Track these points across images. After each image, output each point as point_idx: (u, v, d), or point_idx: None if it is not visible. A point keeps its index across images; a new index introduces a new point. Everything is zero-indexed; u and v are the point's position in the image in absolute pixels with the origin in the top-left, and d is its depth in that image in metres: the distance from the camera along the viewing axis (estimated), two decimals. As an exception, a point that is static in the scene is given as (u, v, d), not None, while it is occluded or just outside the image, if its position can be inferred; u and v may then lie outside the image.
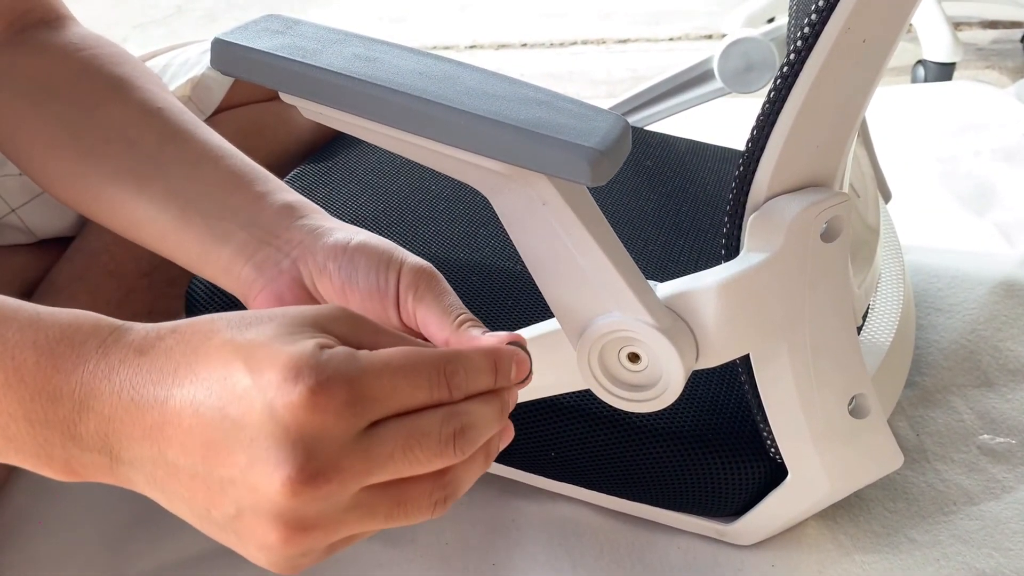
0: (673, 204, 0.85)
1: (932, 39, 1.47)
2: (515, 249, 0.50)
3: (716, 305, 0.50)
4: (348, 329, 0.37)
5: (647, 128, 1.02)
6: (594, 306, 0.50)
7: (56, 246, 0.85)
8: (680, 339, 0.50)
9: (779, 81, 0.46)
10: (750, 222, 0.50)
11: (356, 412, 0.33)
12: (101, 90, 0.53)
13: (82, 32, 0.58)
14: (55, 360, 0.35)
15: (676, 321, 0.51)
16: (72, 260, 0.82)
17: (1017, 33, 1.84)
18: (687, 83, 0.98)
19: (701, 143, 0.98)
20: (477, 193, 0.48)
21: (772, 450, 0.59)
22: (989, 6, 1.91)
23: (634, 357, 0.51)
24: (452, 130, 0.45)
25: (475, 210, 0.81)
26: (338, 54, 0.47)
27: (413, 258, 0.46)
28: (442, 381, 0.35)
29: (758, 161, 0.49)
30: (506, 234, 0.50)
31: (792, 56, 0.45)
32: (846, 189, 0.54)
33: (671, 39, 1.91)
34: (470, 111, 0.44)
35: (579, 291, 0.50)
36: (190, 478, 0.34)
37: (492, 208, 0.49)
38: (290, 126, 0.90)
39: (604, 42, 1.92)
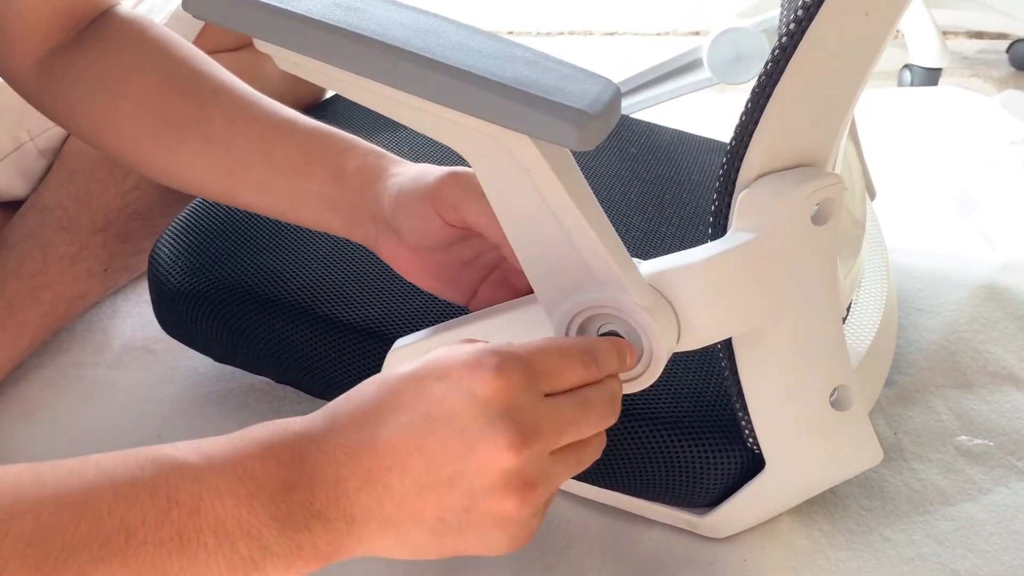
0: (657, 191, 0.83)
1: (920, 44, 1.47)
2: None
3: (701, 284, 0.48)
4: None
5: (633, 116, 1.00)
6: (575, 280, 0.48)
7: (11, 209, 0.82)
8: (662, 318, 0.48)
9: (777, 51, 0.45)
10: (739, 200, 0.48)
11: (534, 383, 0.40)
12: (168, 81, 0.59)
13: (127, 18, 0.61)
14: (277, 458, 0.39)
15: (659, 299, 0.49)
16: (24, 216, 0.79)
17: (1002, 44, 1.84)
18: (675, 71, 0.97)
19: (687, 133, 0.96)
20: (463, 163, 0.46)
21: (750, 440, 0.57)
22: (975, 16, 1.91)
23: (614, 335, 0.49)
24: (433, 85, 0.42)
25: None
26: (318, 1, 0.45)
27: (434, 176, 0.53)
28: (592, 360, 0.43)
29: (751, 135, 0.47)
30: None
31: (792, 25, 0.44)
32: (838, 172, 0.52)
33: (659, 34, 1.89)
34: (453, 65, 0.42)
35: (560, 263, 0.48)
36: (417, 495, 0.38)
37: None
38: (260, 79, 0.88)
39: (591, 33, 1.90)
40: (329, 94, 0.99)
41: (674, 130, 0.96)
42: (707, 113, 1.27)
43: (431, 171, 0.54)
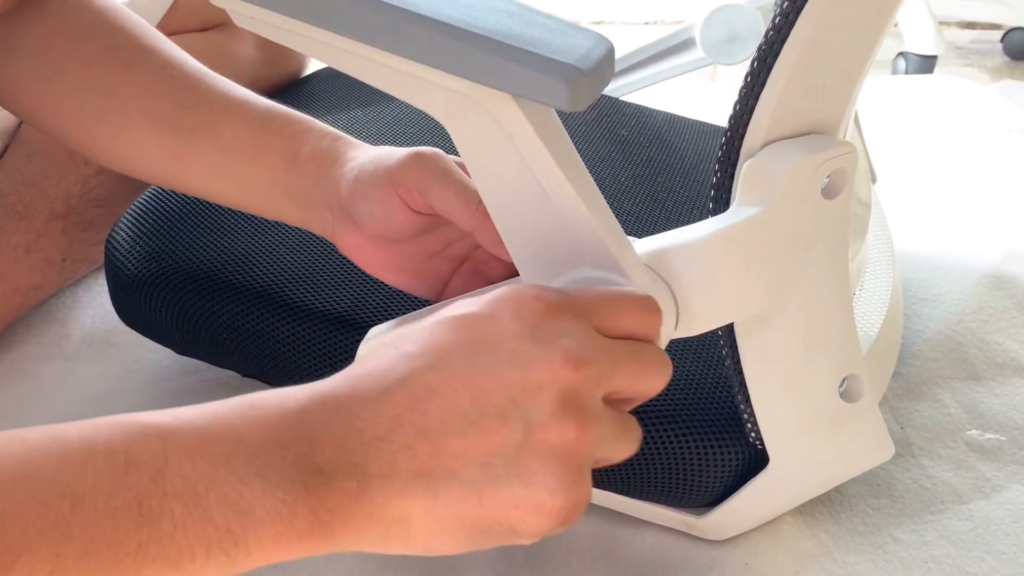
0: (649, 174, 0.79)
1: (915, 31, 1.44)
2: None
3: (701, 264, 0.44)
4: None
5: (622, 99, 0.96)
6: (563, 259, 0.44)
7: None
8: (659, 301, 0.44)
9: (786, 3, 0.40)
10: (744, 170, 0.44)
11: (581, 315, 0.36)
12: (113, 56, 0.54)
13: None
14: (265, 417, 0.32)
15: (655, 280, 0.44)
16: (-22, 203, 0.74)
17: (995, 34, 1.81)
18: (667, 51, 0.93)
19: (680, 116, 0.92)
20: (448, 140, 0.42)
21: (752, 434, 0.53)
22: (967, 6, 1.88)
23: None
24: (402, 38, 0.38)
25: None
26: (275, -54, 0.40)
27: (396, 157, 0.49)
28: (643, 309, 0.39)
29: (757, 98, 0.43)
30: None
31: (803, -26, 0.39)
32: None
33: (647, 23, 1.85)
34: (424, 14, 0.37)
35: (547, 240, 0.43)
36: (461, 435, 0.33)
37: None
38: (231, 60, 0.83)
39: (578, 22, 1.86)
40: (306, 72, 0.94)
41: (666, 113, 0.92)
42: (698, 101, 1.23)
43: (393, 152, 0.50)
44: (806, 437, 0.52)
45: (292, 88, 0.88)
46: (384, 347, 0.35)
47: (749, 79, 0.43)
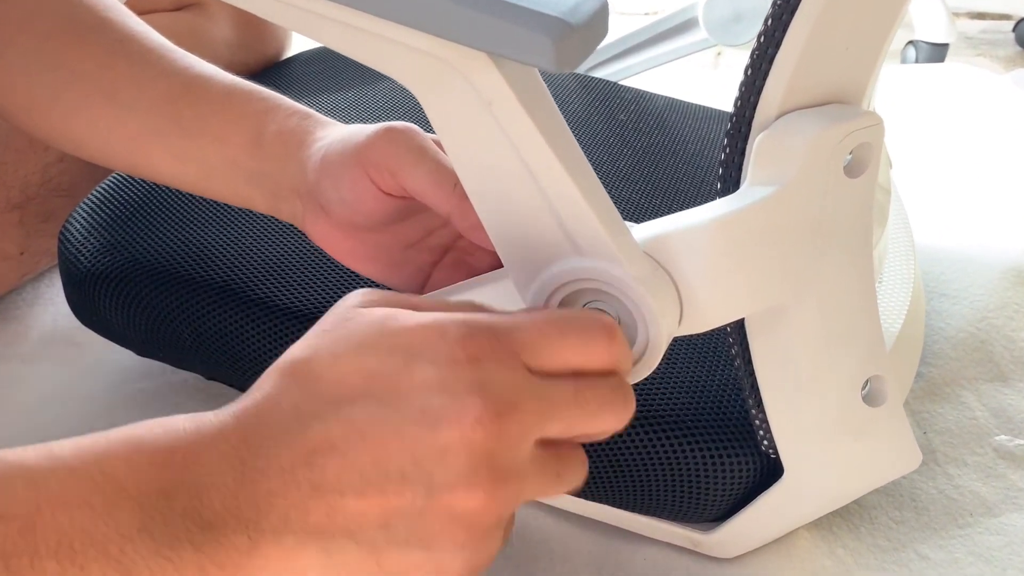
0: (649, 161, 0.74)
1: (926, 18, 1.38)
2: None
3: (708, 251, 0.39)
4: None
5: (621, 83, 0.91)
6: (551, 246, 0.39)
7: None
8: (660, 293, 0.39)
9: (806, -51, 0.35)
10: (757, 144, 0.39)
11: (512, 353, 0.32)
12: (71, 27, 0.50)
13: None
14: (151, 457, 0.29)
15: (656, 270, 0.39)
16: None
17: (1006, 24, 1.76)
18: (668, 32, 0.87)
19: (681, 101, 0.87)
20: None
21: (765, 442, 0.47)
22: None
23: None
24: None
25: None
26: None
27: (366, 134, 0.44)
28: (591, 336, 0.34)
29: (771, 61, 0.37)
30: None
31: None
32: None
33: (646, 13, 1.80)
34: (390, -41, 0.32)
35: (532, 225, 0.38)
36: (358, 496, 0.30)
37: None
38: (205, 42, 0.78)
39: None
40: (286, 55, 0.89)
41: (667, 97, 0.87)
42: (699, 89, 1.18)
43: (363, 129, 0.45)
44: (825, 444, 0.47)
45: (270, 72, 0.83)
46: (288, 377, 0.32)
47: (762, 39, 0.38)
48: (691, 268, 0.39)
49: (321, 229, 0.47)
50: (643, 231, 0.40)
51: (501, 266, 0.42)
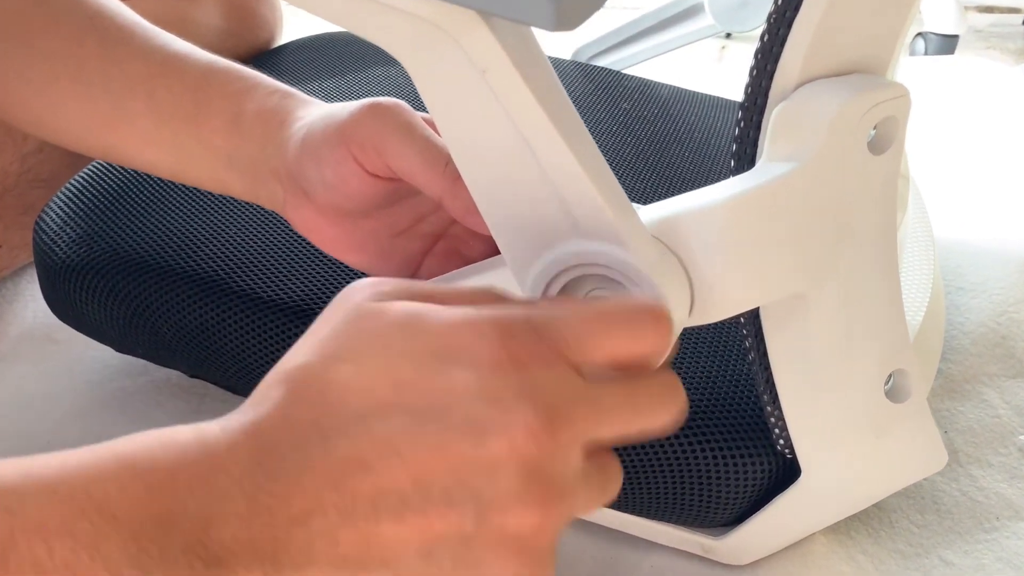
0: (654, 149, 0.71)
1: (935, 9, 1.35)
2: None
3: (721, 233, 0.36)
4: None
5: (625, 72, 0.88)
6: (551, 228, 0.36)
7: None
8: (670, 280, 0.36)
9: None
10: (774, 116, 0.36)
11: (558, 352, 0.28)
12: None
13: None
14: (147, 481, 0.25)
15: (665, 255, 0.36)
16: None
17: (1015, 18, 1.73)
18: (672, 19, 0.84)
19: (687, 90, 0.84)
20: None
21: (781, 441, 0.44)
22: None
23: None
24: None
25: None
26: None
27: (348, 111, 0.41)
28: (640, 324, 0.30)
29: (790, 25, 0.34)
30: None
31: None
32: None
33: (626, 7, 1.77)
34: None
35: (531, 205, 0.35)
36: (396, 521, 0.26)
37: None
38: (192, 29, 0.76)
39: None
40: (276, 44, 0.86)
41: (672, 86, 0.84)
42: (703, 83, 1.15)
43: (346, 106, 0.42)
44: (845, 443, 0.44)
45: (259, 59, 0.80)
46: (300, 388, 0.27)
47: (780, 3, 0.35)
48: (703, 252, 0.36)
49: (304, 215, 0.44)
50: (651, 213, 0.37)
51: (496, 253, 0.40)
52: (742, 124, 0.37)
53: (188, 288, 0.51)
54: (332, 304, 0.30)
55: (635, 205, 0.37)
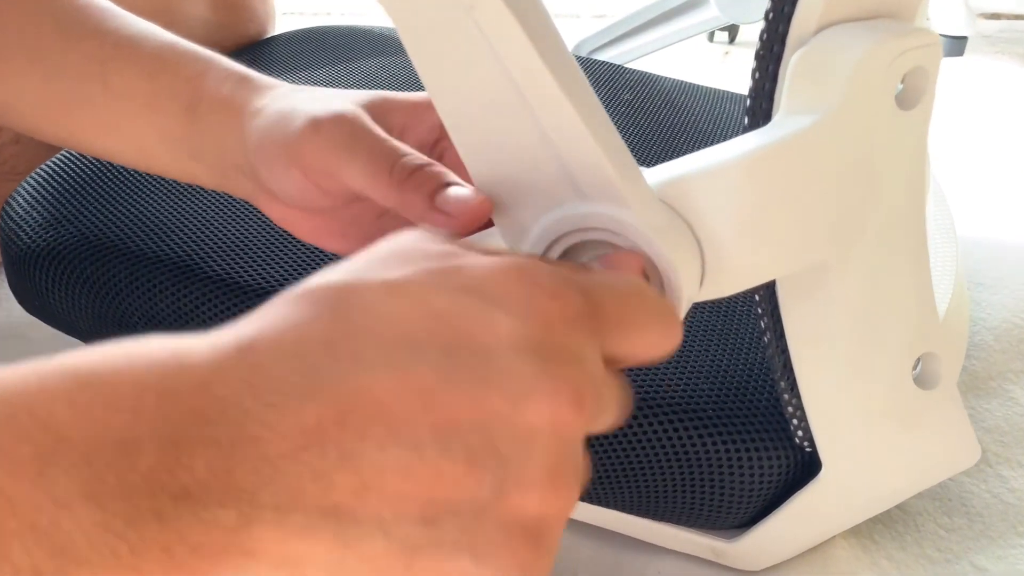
0: (657, 140, 0.68)
1: (943, 10, 1.33)
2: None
3: (735, 195, 0.32)
4: None
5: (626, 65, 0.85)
6: (548, 190, 0.32)
7: None
8: (679, 247, 0.32)
9: None
10: (793, 63, 0.32)
11: (596, 331, 0.25)
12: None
13: None
14: (107, 397, 0.21)
15: (673, 219, 0.33)
16: None
17: (1022, 24, 1.71)
18: (676, 10, 0.81)
19: (690, 83, 0.81)
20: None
21: (799, 433, 0.41)
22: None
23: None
24: None
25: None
26: None
27: (294, 128, 0.37)
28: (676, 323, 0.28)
29: (810, -40, 0.31)
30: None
31: None
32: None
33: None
34: None
35: (525, 164, 0.32)
36: (403, 474, 0.22)
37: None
38: (180, 20, 0.73)
39: (579, 16, 1.77)
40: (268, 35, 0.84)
41: (675, 79, 0.81)
42: (707, 82, 1.13)
43: (294, 115, 0.38)
44: (870, 434, 0.40)
45: (250, 51, 0.77)
46: (320, 303, 0.24)
47: (799, -64, 0.32)
48: (715, 216, 0.33)
49: (278, 211, 0.40)
50: (658, 174, 0.34)
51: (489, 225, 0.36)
52: (757, 75, 0.34)
53: (159, 273, 0.48)
54: (374, 245, 0.27)
55: (642, 169, 0.34)
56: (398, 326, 0.23)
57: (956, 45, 1.35)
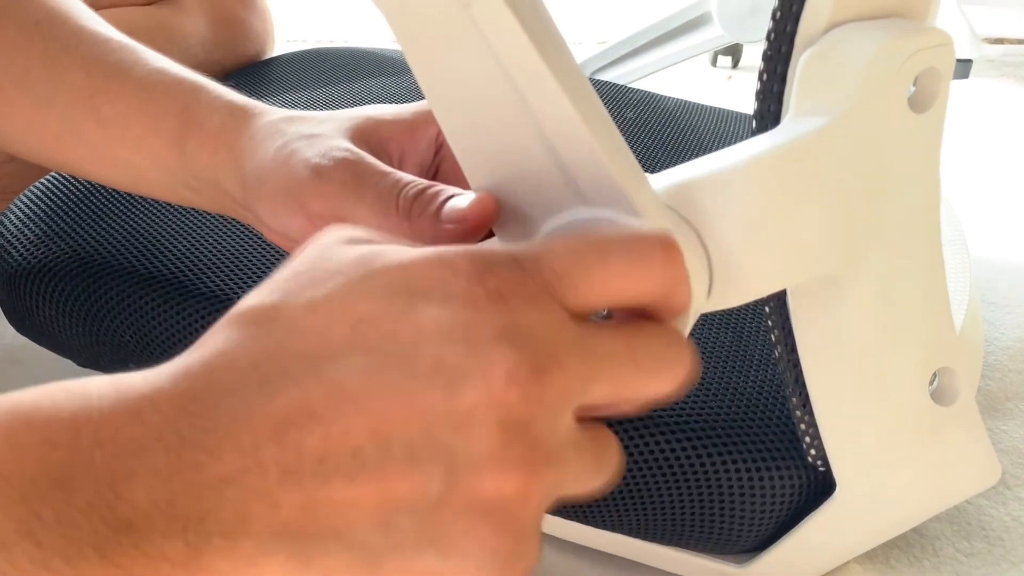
0: (662, 158, 0.67)
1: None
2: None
3: (744, 200, 0.31)
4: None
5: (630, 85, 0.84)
6: (549, 195, 0.31)
7: None
8: (686, 253, 0.31)
9: None
10: (802, 63, 0.31)
11: (542, 293, 0.24)
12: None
13: None
14: (44, 433, 0.21)
15: (680, 226, 0.32)
16: None
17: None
18: (679, 29, 0.81)
19: (694, 102, 0.80)
20: None
21: (812, 452, 0.39)
22: (993, 23, 1.79)
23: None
24: None
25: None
26: None
27: (297, 177, 0.36)
28: (643, 258, 0.26)
29: (819, -44, 0.30)
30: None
31: None
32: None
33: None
34: None
35: (526, 170, 0.31)
36: (348, 483, 0.22)
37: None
38: (177, 39, 0.72)
39: (581, 43, 1.77)
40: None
41: (679, 99, 0.80)
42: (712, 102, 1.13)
43: (292, 160, 0.37)
44: (886, 453, 0.38)
45: (249, 72, 0.77)
46: (246, 327, 0.23)
47: (806, -67, 0.31)
48: (723, 222, 0.31)
49: (282, 242, 0.40)
50: (663, 179, 0.32)
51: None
52: (765, 77, 0.33)
53: (153, 290, 0.47)
54: (303, 247, 0.26)
55: (647, 175, 0.32)
56: (322, 338, 0.23)
57: (961, 68, 1.35)
